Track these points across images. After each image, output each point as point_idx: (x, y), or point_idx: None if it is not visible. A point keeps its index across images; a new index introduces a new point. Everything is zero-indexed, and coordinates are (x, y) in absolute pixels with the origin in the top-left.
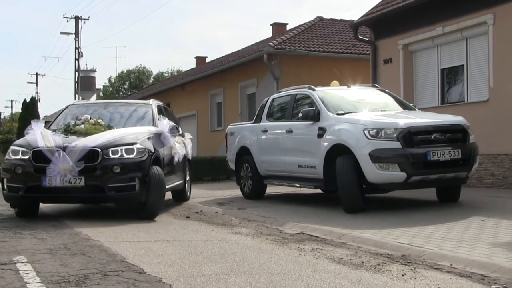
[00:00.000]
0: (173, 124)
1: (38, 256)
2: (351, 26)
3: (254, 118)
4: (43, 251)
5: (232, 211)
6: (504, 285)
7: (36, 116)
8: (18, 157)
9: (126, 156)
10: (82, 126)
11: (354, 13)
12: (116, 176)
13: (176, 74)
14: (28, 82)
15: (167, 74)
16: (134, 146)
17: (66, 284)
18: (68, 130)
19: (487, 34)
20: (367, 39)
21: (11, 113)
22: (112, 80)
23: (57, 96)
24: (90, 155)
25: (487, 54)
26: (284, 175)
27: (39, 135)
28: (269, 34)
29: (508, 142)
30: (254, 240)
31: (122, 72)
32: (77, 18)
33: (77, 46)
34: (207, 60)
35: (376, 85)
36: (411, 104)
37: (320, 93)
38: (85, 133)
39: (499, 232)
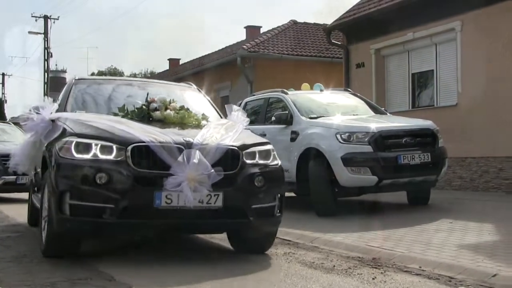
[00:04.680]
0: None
1: (2, 265)
2: (324, 30)
3: None
4: (8, 259)
5: None
6: (470, 287)
7: (2, 117)
8: (89, 156)
9: (261, 161)
10: (169, 112)
11: (325, 16)
12: (259, 193)
13: (149, 76)
14: None
15: (139, 76)
16: (270, 148)
17: None
18: (143, 116)
19: (455, 40)
20: (339, 43)
21: None
22: None
23: (25, 97)
24: (227, 159)
25: (456, 59)
26: None
27: (120, 124)
28: (243, 37)
29: (475, 146)
30: (226, 244)
31: (93, 73)
32: (46, 17)
33: (46, 46)
34: (181, 62)
35: (349, 89)
36: (383, 109)
37: (293, 97)
38: (180, 123)
39: (466, 234)
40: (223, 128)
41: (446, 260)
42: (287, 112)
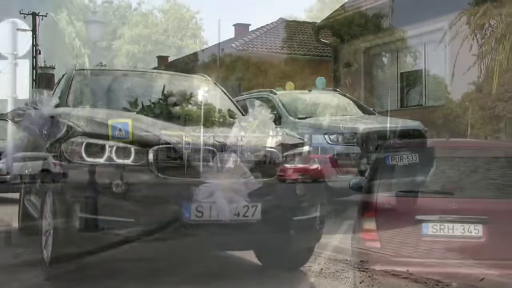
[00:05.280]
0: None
1: None
2: (313, 28)
3: None
4: None
5: None
6: None
7: None
8: (102, 159)
9: (301, 165)
10: (192, 107)
11: (316, 13)
12: (301, 203)
13: None
14: None
15: None
16: (307, 150)
17: None
18: (161, 112)
19: (444, 40)
20: (328, 41)
21: None
22: None
23: (14, 93)
24: (265, 163)
25: (444, 59)
26: None
27: (137, 122)
28: (232, 35)
29: (464, 145)
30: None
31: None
32: (34, 14)
33: (34, 43)
34: (170, 59)
35: (337, 89)
36: (371, 109)
37: (281, 97)
38: (205, 121)
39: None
40: (255, 127)
41: (433, 263)
42: (275, 112)
